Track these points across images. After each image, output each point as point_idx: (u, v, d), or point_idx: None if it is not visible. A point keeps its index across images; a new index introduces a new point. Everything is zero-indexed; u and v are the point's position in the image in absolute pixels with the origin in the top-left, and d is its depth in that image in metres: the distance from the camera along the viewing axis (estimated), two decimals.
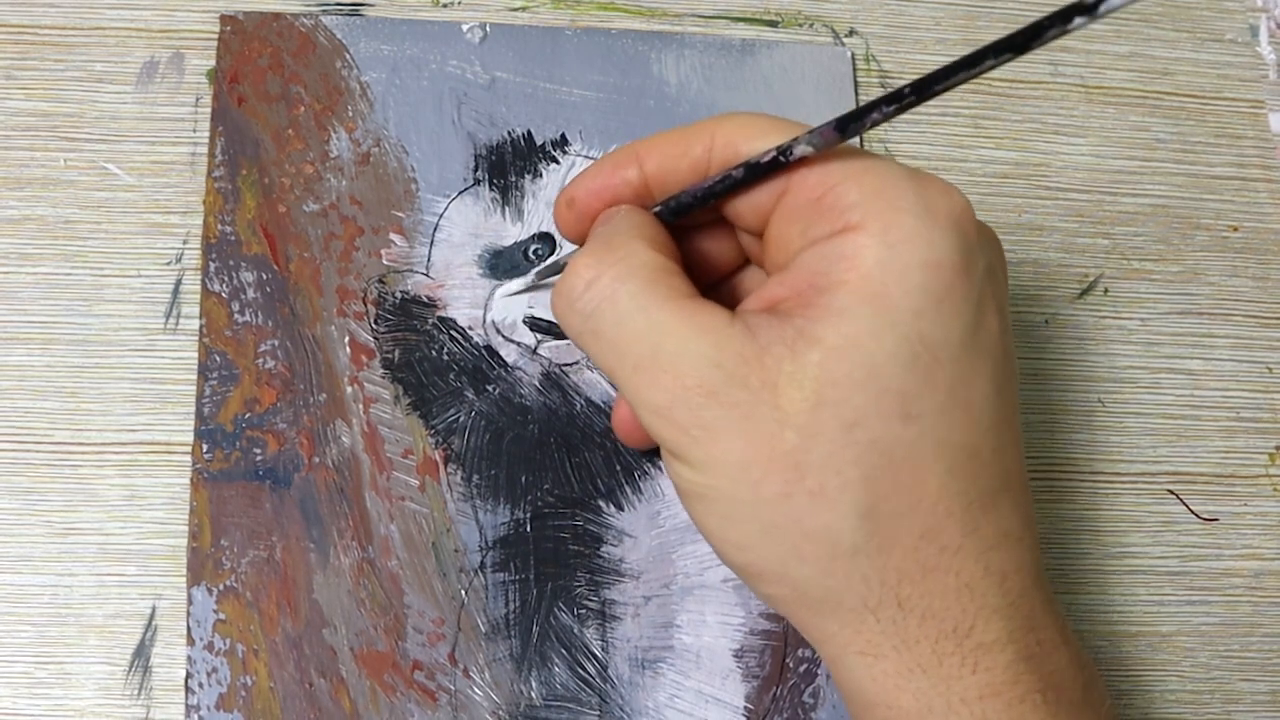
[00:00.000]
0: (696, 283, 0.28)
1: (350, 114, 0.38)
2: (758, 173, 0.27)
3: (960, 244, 0.25)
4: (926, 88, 0.24)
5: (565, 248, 0.37)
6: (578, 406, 0.36)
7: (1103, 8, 0.21)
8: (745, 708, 0.35)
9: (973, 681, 0.25)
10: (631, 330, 0.26)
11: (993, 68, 0.23)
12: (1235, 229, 0.42)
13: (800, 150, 0.26)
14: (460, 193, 0.38)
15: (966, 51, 0.23)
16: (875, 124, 0.25)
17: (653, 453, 0.36)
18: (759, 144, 0.27)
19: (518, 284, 0.37)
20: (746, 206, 0.28)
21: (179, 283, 0.36)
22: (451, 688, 0.34)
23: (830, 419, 0.24)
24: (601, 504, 0.36)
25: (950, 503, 0.25)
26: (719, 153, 0.28)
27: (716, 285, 0.31)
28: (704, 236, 0.30)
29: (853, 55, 0.41)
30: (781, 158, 0.26)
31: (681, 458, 0.26)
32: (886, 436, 0.25)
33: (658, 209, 0.29)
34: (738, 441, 0.25)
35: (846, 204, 0.25)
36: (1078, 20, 0.22)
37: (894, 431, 0.25)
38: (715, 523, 0.26)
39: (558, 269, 0.34)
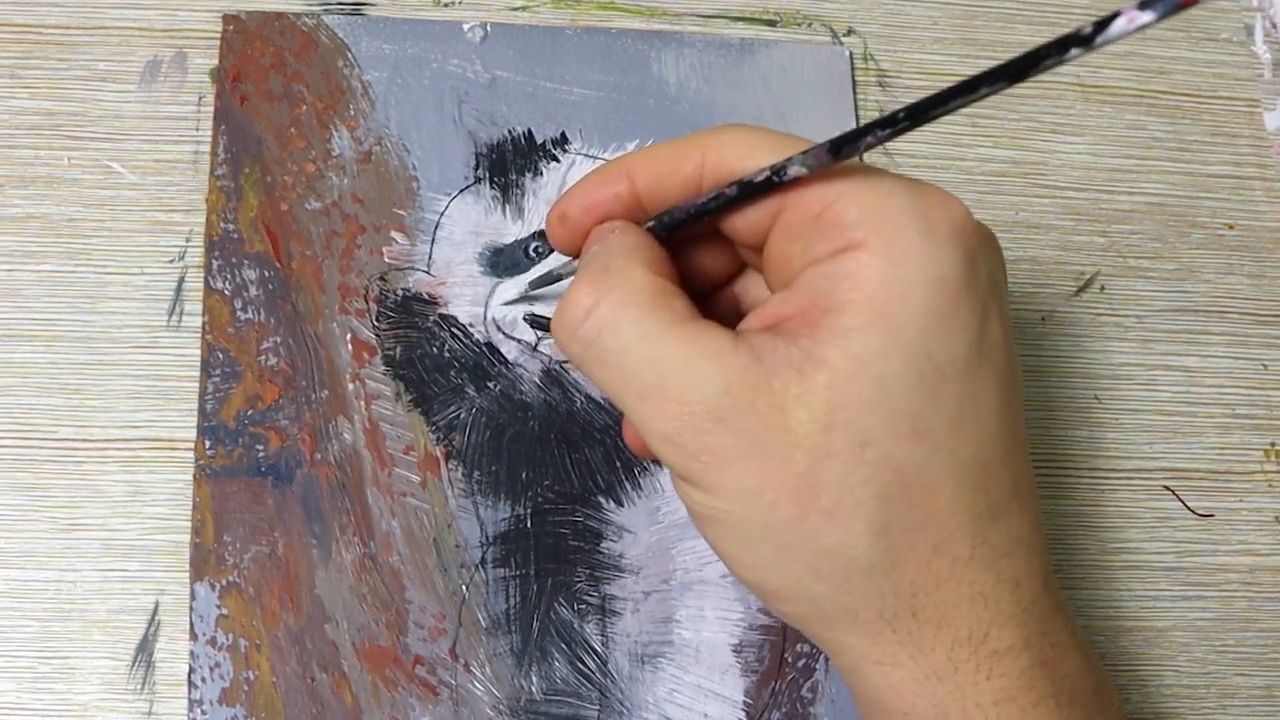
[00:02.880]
0: (695, 291, 0.27)
1: (352, 113, 0.38)
2: (751, 191, 0.26)
3: (963, 256, 0.25)
4: (921, 113, 0.24)
5: None
6: (578, 403, 0.37)
7: (1099, 39, 0.21)
8: (744, 702, 0.35)
9: (988, 687, 0.25)
10: (635, 358, 0.26)
11: (988, 95, 0.23)
12: (1231, 227, 0.43)
13: (794, 171, 0.26)
14: (461, 191, 0.38)
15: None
16: (869, 147, 0.25)
17: None
18: (751, 161, 0.27)
19: (511, 293, 0.37)
20: (743, 222, 0.27)
21: (182, 280, 0.36)
22: (452, 682, 0.34)
23: (841, 440, 0.24)
24: (601, 500, 0.36)
25: (960, 515, 0.25)
26: (711, 170, 0.27)
27: (715, 292, 0.31)
28: (701, 246, 0.30)
29: (851, 54, 0.41)
30: (775, 177, 0.26)
31: (692, 482, 0.26)
32: (897, 455, 0.25)
33: (651, 224, 0.28)
34: (748, 466, 0.25)
35: (847, 222, 0.25)
36: (1074, 51, 0.21)
37: (905, 450, 0.25)
38: (729, 545, 0.26)
39: (551, 279, 0.34)
